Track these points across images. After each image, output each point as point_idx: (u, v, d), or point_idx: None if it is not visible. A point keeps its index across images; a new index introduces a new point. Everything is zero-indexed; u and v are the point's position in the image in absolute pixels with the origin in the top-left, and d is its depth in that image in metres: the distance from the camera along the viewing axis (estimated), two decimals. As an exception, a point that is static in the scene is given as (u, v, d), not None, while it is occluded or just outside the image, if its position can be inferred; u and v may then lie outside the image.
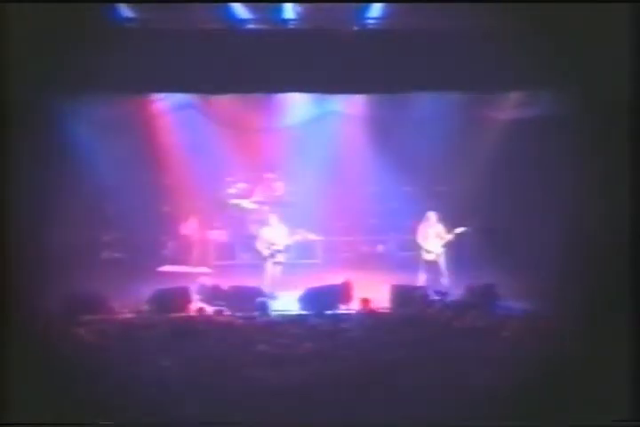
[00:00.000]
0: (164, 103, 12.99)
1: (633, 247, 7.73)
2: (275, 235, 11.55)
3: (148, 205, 13.05)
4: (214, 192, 13.80)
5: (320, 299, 9.95)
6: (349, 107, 13.56)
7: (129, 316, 9.22)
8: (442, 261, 11.49)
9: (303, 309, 9.94)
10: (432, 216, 11.59)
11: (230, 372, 6.24)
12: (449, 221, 11.59)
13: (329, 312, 9.33)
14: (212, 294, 10.49)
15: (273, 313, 9.75)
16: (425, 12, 9.59)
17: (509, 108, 12.24)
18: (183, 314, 9.58)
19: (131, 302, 9.87)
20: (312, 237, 13.00)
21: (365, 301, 9.76)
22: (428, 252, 11.46)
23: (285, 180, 13.86)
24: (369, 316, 8.69)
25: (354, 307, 9.78)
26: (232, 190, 13.83)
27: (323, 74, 10.22)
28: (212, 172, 13.54)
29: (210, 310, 9.65)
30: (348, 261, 13.40)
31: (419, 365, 6.29)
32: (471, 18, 9.34)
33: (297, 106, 13.40)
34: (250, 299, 10.04)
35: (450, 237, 11.40)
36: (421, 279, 11.45)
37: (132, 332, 7.63)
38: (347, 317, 8.86)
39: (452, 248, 11.58)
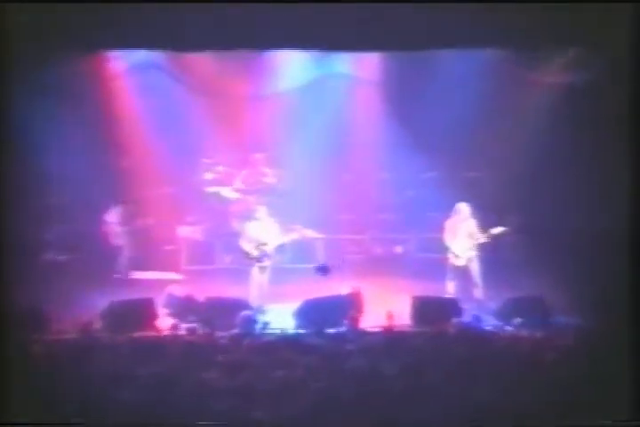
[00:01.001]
0: (121, 62, 13.02)
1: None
2: (264, 232, 11.55)
3: (104, 195, 13.06)
4: (187, 178, 13.85)
5: (321, 314, 10.03)
6: (358, 68, 13.64)
7: (78, 336, 9.25)
8: (474, 267, 11.55)
9: (299, 326, 10.05)
10: (463, 209, 11.60)
11: (207, 403, 6.30)
12: (484, 217, 11.63)
13: (332, 331, 9.33)
14: (184, 308, 10.58)
15: (261, 332, 9.82)
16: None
17: (555, 70, 12.20)
18: (146, 333, 9.67)
19: (80, 317, 9.87)
20: (311, 234, 13.02)
21: (379, 316, 9.81)
22: (457, 256, 11.52)
23: (277, 162, 13.88)
24: (383, 335, 8.71)
25: (364, 324, 9.81)
26: (209, 175, 13.89)
27: (325, 27, 10.23)
28: (184, 151, 13.57)
29: (181, 327, 9.71)
30: (356, 265, 13.45)
31: (439, 395, 6.50)
32: None
33: (293, 66, 13.47)
34: (232, 313, 10.01)
35: (484, 238, 11.45)
36: (449, 289, 11.53)
37: (82, 355, 7.67)
38: (354, 336, 8.91)
39: (488, 251, 11.62)
